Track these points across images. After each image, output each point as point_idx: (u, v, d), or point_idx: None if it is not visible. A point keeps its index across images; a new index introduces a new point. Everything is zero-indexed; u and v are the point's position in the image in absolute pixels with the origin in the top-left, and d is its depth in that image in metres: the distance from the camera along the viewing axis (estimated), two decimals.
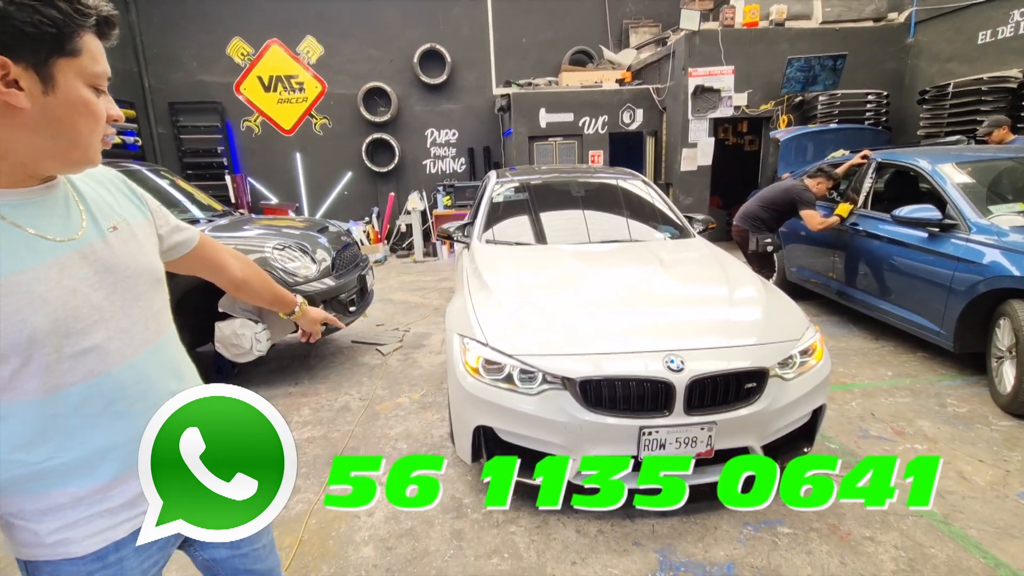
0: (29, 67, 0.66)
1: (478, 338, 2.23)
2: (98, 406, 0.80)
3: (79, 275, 0.77)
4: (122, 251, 0.84)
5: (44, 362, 0.73)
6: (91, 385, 0.78)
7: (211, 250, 1.12)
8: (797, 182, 4.26)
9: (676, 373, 1.98)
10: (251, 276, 1.20)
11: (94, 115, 0.73)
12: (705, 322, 2.26)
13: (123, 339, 0.82)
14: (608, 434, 2.00)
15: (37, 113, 0.68)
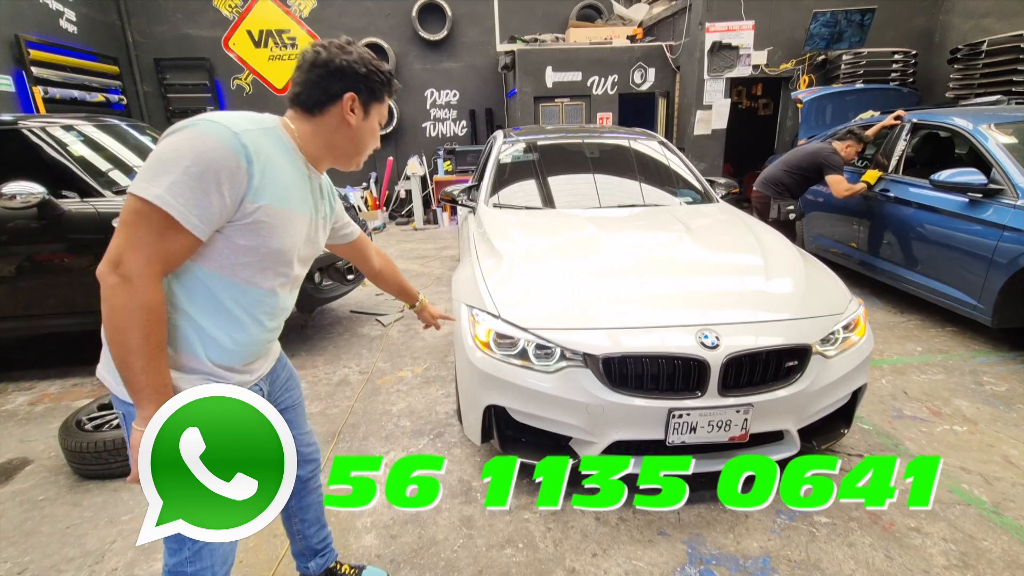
0: (361, 103, 1.07)
1: (488, 309, 2.02)
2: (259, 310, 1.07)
3: (303, 231, 1.10)
4: (318, 230, 1.18)
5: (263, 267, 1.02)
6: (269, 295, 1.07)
7: (364, 245, 1.50)
8: (825, 144, 3.98)
9: (711, 350, 1.78)
10: (385, 269, 1.57)
11: (375, 140, 1.16)
12: (741, 293, 2.05)
13: (295, 283, 1.16)
14: (634, 417, 1.81)
15: (355, 130, 1.09)
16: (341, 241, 1.42)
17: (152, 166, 0.88)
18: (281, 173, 1.00)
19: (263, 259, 1.00)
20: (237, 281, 0.99)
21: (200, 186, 0.87)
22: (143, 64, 7.76)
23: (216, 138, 0.89)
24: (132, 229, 0.87)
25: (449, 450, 2.38)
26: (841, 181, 3.82)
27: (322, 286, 3.24)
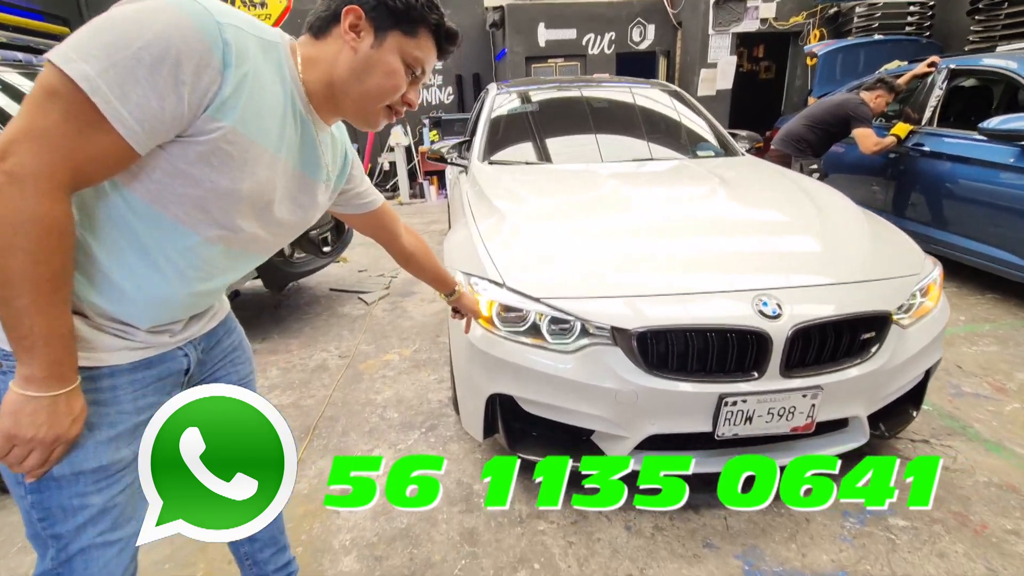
0: (370, 22, 0.78)
1: (490, 276, 1.64)
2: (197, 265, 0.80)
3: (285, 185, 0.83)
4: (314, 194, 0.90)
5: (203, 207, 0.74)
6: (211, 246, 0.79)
7: (389, 218, 1.18)
8: (852, 95, 3.59)
9: (772, 320, 1.42)
10: (418, 251, 1.26)
11: (394, 83, 0.82)
12: (799, 252, 1.68)
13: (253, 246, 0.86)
14: (676, 405, 1.45)
15: (360, 58, 0.79)
16: (359, 210, 1.09)
17: (90, 33, 0.61)
18: (265, 96, 0.73)
19: (205, 196, 0.72)
20: (165, 215, 0.73)
21: (151, 79, 0.61)
22: None
23: (190, 19, 0.63)
24: (39, 113, 0.60)
25: (444, 446, 2.02)
26: (870, 135, 3.46)
27: (293, 259, 2.83)
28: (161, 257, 0.75)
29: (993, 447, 1.88)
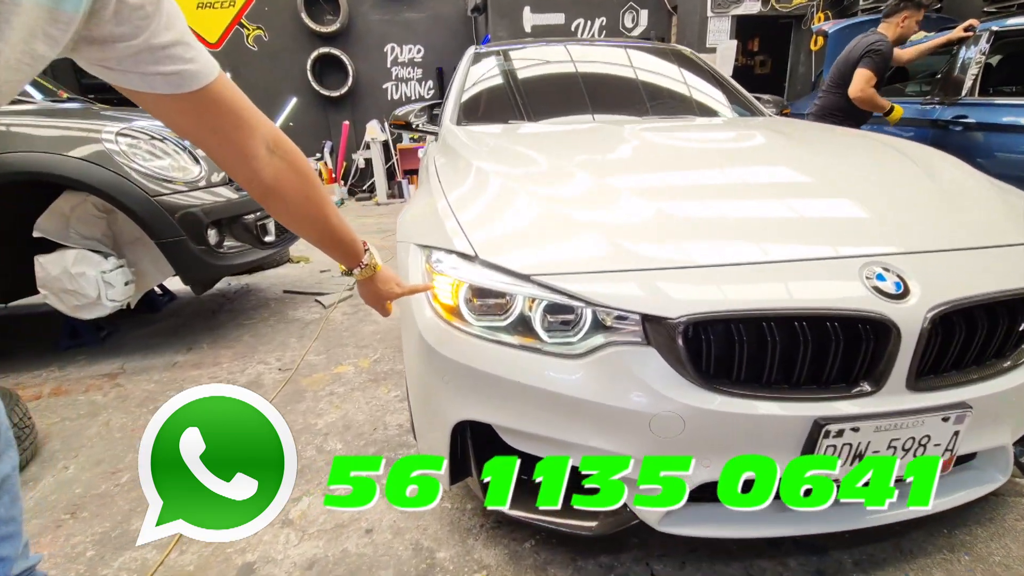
0: None
1: (457, 247, 1.11)
2: None
3: None
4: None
5: None
6: None
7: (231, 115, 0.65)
8: (867, 33, 3.08)
9: (896, 301, 0.90)
10: (290, 187, 0.74)
11: None
12: (912, 208, 1.16)
13: None
14: (746, 437, 0.93)
15: None
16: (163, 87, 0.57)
17: None
18: None
19: None
20: None
21: None
22: None
23: None
24: None
25: None
26: (867, 79, 2.89)
27: (221, 249, 2.26)
28: None
29: None
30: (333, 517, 1.38)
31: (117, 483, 1.55)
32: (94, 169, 2.01)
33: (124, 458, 1.67)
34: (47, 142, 1.99)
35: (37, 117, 2.11)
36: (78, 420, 1.91)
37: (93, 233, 2.16)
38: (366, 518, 1.37)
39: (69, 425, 1.87)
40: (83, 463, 1.65)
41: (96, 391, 2.12)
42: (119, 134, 2.05)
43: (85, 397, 2.07)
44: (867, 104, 2.98)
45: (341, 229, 0.85)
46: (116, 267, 2.13)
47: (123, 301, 2.18)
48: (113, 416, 1.92)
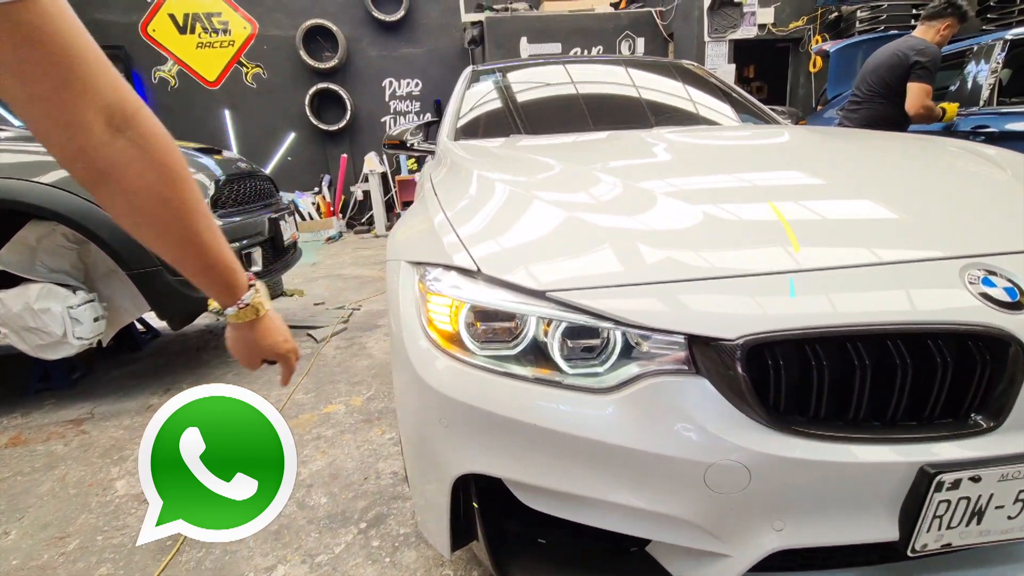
0: None
1: (457, 263, 0.92)
2: None
3: None
4: None
5: None
6: None
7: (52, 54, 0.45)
8: (907, 37, 2.94)
9: (1013, 311, 0.71)
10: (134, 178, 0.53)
11: None
12: (1008, 203, 0.97)
13: None
14: (832, 492, 0.72)
15: None
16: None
17: None
18: None
19: None
20: None
21: None
22: None
23: None
24: None
25: (393, 555, 1.24)
26: (926, 93, 2.77)
27: None
28: None
29: None
30: None
31: (62, 551, 1.32)
32: (62, 195, 1.86)
33: (75, 520, 1.44)
34: (13, 168, 1.85)
35: (8, 143, 1.97)
36: (31, 475, 1.69)
37: (61, 265, 1.98)
38: None
39: (20, 481, 1.65)
40: (27, 527, 1.42)
41: (58, 439, 1.90)
42: None
43: (44, 447, 1.86)
44: (926, 118, 2.86)
45: (214, 250, 0.63)
46: (85, 301, 1.95)
47: (92, 339, 1.99)
48: (71, 469, 1.70)
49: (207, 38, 6.90)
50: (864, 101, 3.07)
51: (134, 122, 0.52)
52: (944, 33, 2.83)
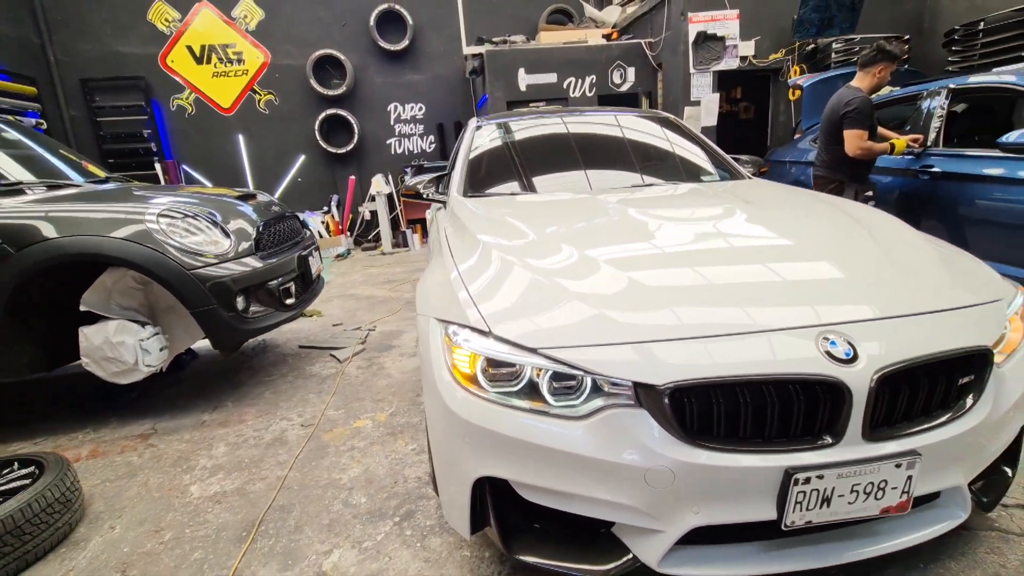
0: None
1: (472, 323, 1.28)
2: None
3: None
4: None
5: None
6: None
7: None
8: (843, 89, 3.34)
9: (847, 365, 1.07)
10: None
11: None
12: (862, 277, 1.35)
13: None
14: (728, 486, 1.08)
15: None
16: None
17: None
18: None
19: None
20: None
21: None
22: (68, 85, 6.94)
23: None
24: None
25: (423, 540, 1.59)
26: (858, 136, 3.15)
27: (247, 314, 2.45)
28: None
29: None
30: (363, 567, 1.50)
31: (161, 541, 1.67)
32: (136, 247, 2.22)
33: (165, 517, 1.79)
34: (95, 225, 2.21)
35: (85, 202, 2.34)
36: (117, 481, 2.04)
37: (132, 304, 2.35)
38: (393, 567, 1.49)
39: (110, 486, 2.01)
40: (127, 523, 1.78)
41: (131, 452, 2.26)
42: (160, 215, 2.27)
43: (121, 458, 2.21)
44: (867, 156, 3.24)
45: None
46: (153, 335, 2.31)
47: (158, 366, 2.35)
48: (150, 476, 2.06)
49: (222, 68, 7.29)
50: (827, 144, 3.45)
51: None
52: (880, 75, 3.21)
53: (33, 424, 2.59)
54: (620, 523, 1.18)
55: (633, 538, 1.19)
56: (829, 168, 3.46)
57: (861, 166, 3.36)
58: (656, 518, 1.12)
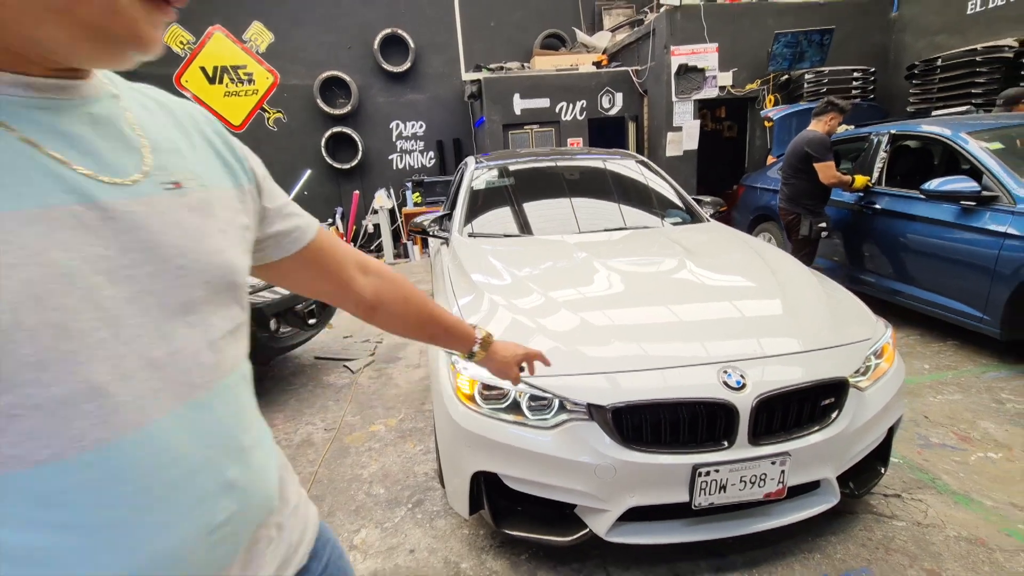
0: None
1: None
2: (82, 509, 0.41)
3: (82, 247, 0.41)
4: (179, 226, 0.48)
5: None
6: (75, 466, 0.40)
7: (331, 253, 0.73)
8: (805, 131, 3.82)
9: (737, 391, 1.51)
10: (390, 298, 0.81)
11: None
12: (761, 321, 1.79)
13: (146, 382, 0.43)
14: (652, 477, 1.51)
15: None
16: (275, 253, 0.67)
17: None
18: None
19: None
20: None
21: None
22: None
23: None
24: None
25: (431, 522, 2.02)
26: (829, 167, 3.63)
27: (280, 335, 2.87)
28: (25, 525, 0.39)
29: (962, 499, 1.96)
30: (385, 542, 1.93)
31: None
32: None
33: None
34: None
35: None
36: None
37: None
38: (409, 542, 1.92)
39: None
40: None
41: None
42: None
43: None
44: (838, 185, 3.73)
45: (447, 318, 0.91)
46: None
47: None
48: None
49: (233, 87, 7.69)
50: (787, 179, 3.91)
51: (367, 264, 0.80)
52: (831, 124, 3.68)
53: None
54: (580, 505, 1.61)
55: (589, 516, 1.62)
56: (789, 201, 3.92)
57: (818, 200, 3.83)
58: (604, 501, 1.55)
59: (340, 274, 0.75)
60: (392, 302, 0.82)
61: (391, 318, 0.83)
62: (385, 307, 0.81)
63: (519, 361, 1.03)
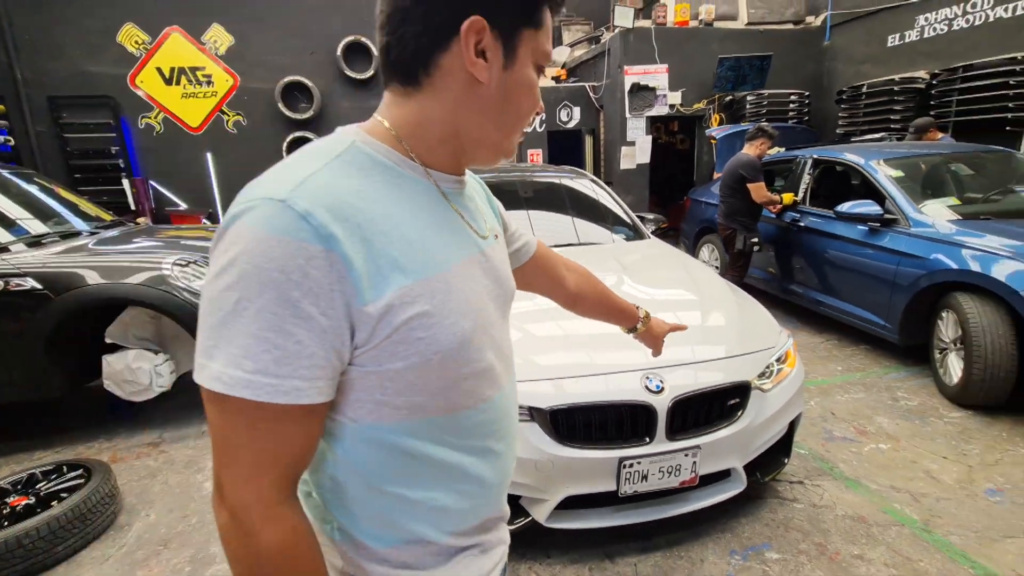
0: (499, 36, 0.57)
1: None
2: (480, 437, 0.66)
3: (483, 281, 0.66)
4: (501, 262, 0.73)
5: (450, 377, 0.60)
6: (480, 411, 0.65)
7: (548, 259, 0.98)
8: (739, 154, 4.19)
9: (656, 394, 1.76)
10: (585, 289, 1.04)
11: (535, 100, 0.64)
12: (681, 332, 2.05)
13: (503, 361, 0.69)
14: (585, 470, 1.75)
15: (494, 90, 0.59)
16: (517, 263, 0.91)
17: (204, 323, 0.51)
18: (398, 220, 0.56)
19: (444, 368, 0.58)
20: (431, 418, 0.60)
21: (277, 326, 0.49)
22: (35, 103, 7.08)
23: (268, 232, 0.48)
24: (219, 434, 0.53)
25: None
26: (760, 187, 4.01)
27: None
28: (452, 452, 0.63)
29: (852, 484, 2.28)
30: None
31: (189, 524, 2.21)
32: (147, 290, 2.71)
33: (188, 506, 2.33)
34: (120, 272, 2.70)
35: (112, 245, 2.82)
36: (141, 481, 2.54)
37: (146, 335, 2.84)
38: None
39: (136, 485, 2.51)
40: (159, 511, 2.30)
41: (146, 457, 2.75)
42: (175, 263, 2.78)
43: (140, 462, 2.70)
44: (768, 204, 4.11)
45: (619, 301, 1.08)
46: (164, 361, 2.81)
47: (167, 387, 2.85)
48: (168, 476, 2.57)
49: (191, 89, 7.60)
50: (724, 197, 4.27)
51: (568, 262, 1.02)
52: (761, 148, 4.07)
53: (47, 436, 3.02)
54: (523, 496, 1.83)
55: (530, 505, 1.84)
56: (726, 217, 4.28)
57: (750, 217, 4.20)
58: (543, 491, 1.78)
59: (555, 273, 0.99)
60: (587, 292, 1.05)
61: (586, 304, 1.06)
62: (583, 296, 1.04)
63: (667, 333, 1.22)
